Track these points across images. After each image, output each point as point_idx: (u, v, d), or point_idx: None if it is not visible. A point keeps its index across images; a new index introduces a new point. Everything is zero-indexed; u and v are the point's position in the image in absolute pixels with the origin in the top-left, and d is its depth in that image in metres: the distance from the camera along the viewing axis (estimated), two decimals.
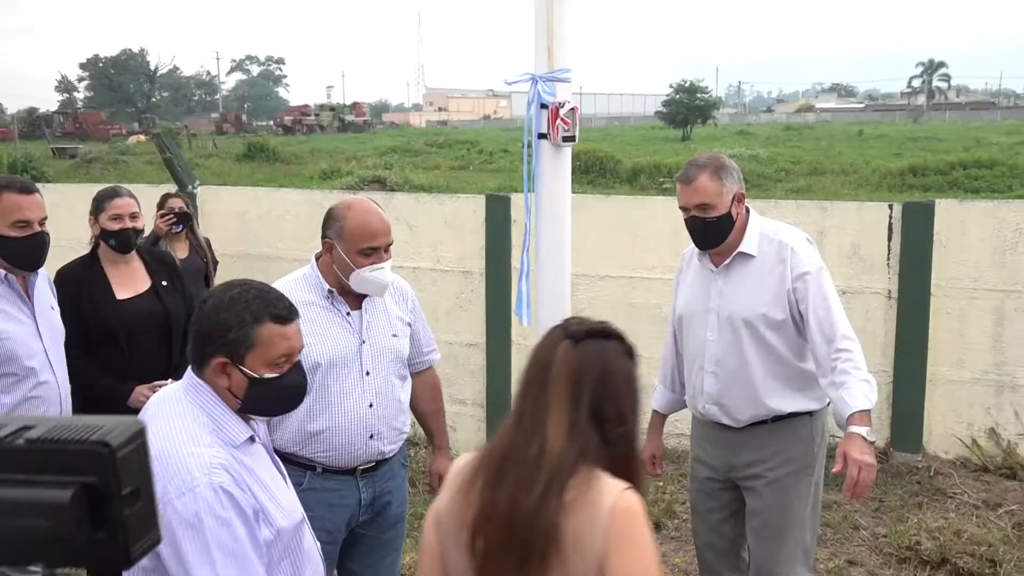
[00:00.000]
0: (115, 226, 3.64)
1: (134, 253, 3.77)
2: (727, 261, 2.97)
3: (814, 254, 2.92)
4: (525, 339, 5.17)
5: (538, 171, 3.09)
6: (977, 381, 4.72)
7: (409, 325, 2.98)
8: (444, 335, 5.52)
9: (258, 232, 6.03)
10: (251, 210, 6.10)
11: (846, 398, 2.69)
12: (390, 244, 2.79)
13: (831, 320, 2.79)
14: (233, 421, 1.96)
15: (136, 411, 3.55)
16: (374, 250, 2.73)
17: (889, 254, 4.70)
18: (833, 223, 4.74)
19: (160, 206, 5.17)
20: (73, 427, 0.99)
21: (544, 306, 3.12)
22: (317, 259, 2.86)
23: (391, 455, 2.91)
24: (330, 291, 2.78)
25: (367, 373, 2.78)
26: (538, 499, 1.61)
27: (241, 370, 1.95)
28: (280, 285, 2.81)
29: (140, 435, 1.02)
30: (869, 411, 2.68)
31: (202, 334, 1.97)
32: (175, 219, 5.07)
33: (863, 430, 2.65)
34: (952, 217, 4.65)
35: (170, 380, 3.44)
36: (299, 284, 2.80)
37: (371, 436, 2.79)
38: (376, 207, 2.82)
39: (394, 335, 2.88)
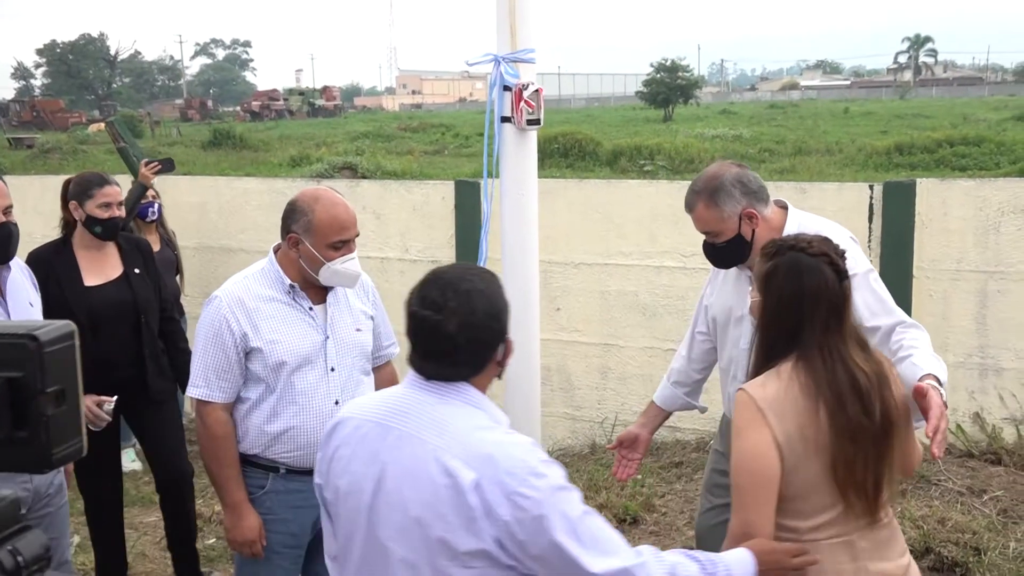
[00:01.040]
0: (104, 214, 3.68)
1: None
2: None
3: (858, 255, 2.76)
4: None
5: (503, 157, 3.07)
6: (961, 364, 4.74)
7: (372, 318, 2.96)
8: None
9: (218, 223, 5.98)
10: (211, 200, 6.04)
11: (915, 362, 2.42)
12: (357, 235, 2.78)
13: (887, 308, 2.64)
14: (501, 412, 1.96)
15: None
16: (344, 243, 2.72)
17: (870, 236, 4.72)
18: (812, 205, 4.73)
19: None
20: (3, 324, 1.01)
21: (511, 294, 3.09)
22: (275, 252, 2.83)
23: None
24: (292, 286, 2.75)
25: (332, 369, 2.77)
26: (880, 416, 2.09)
27: (509, 341, 1.99)
28: (238, 280, 2.79)
29: (70, 337, 1.04)
30: (940, 382, 2.35)
31: (487, 337, 1.91)
32: (160, 167, 5.18)
33: (939, 387, 2.32)
34: (934, 197, 4.67)
35: (115, 397, 3.46)
36: (258, 279, 2.77)
37: None
38: (342, 198, 2.80)
39: (358, 329, 2.86)
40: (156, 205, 5.28)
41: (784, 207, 2.91)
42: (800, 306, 2.11)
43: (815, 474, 2.11)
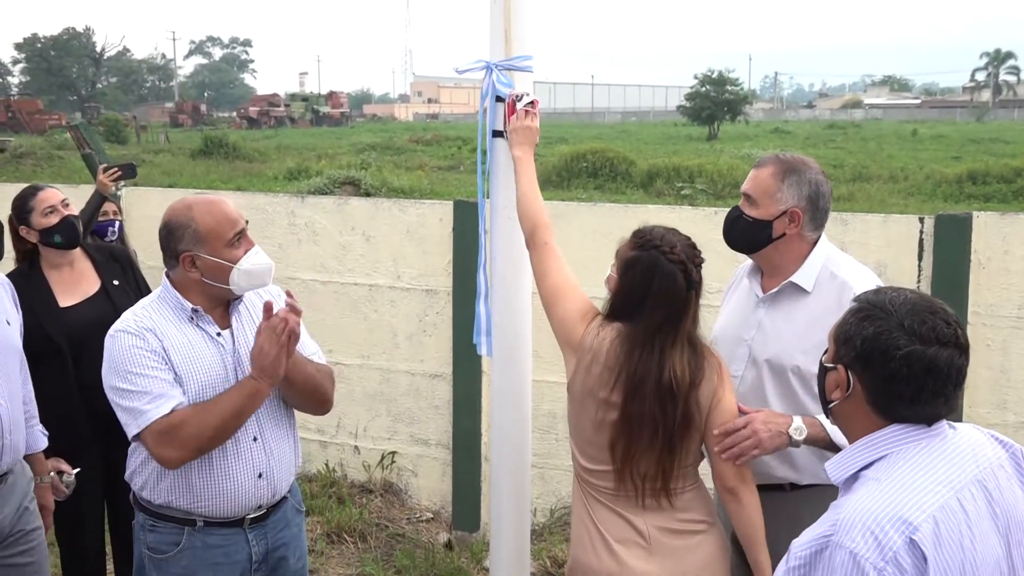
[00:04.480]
0: (53, 220, 3.71)
1: (80, 253, 3.83)
2: (775, 289, 2.88)
3: None
4: None
5: (493, 175, 3.08)
6: (1023, 426, 4.67)
7: None
8: (404, 364, 5.48)
9: None
10: None
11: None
12: (247, 222, 2.80)
13: None
14: None
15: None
16: (240, 236, 2.73)
17: (920, 275, 4.67)
18: (854, 239, 4.71)
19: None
20: None
21: (500, 329, 3.10)
22: (169, 277, 2.79)
23: (283, 497, 2.88)
24: (195, 310, 2.73)
25: None
26: (679, 415, 2.59)
27: None
28: (136, 311, 2.76)
29: None
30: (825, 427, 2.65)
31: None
32: (119, 173, 5.07)
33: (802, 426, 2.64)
34: (992, 233, 4.61)
35: (77, 469, 3.42)
36: (157, 309, 2.75)
37: (259, 475, 2.77)
38: (212, 195, 2.87)
39: None
40: (117, 224, 5.23)
41: (814, 241, 2.92)
42: (643, 303, 2.55)
43: (588, 432, 2.61)
